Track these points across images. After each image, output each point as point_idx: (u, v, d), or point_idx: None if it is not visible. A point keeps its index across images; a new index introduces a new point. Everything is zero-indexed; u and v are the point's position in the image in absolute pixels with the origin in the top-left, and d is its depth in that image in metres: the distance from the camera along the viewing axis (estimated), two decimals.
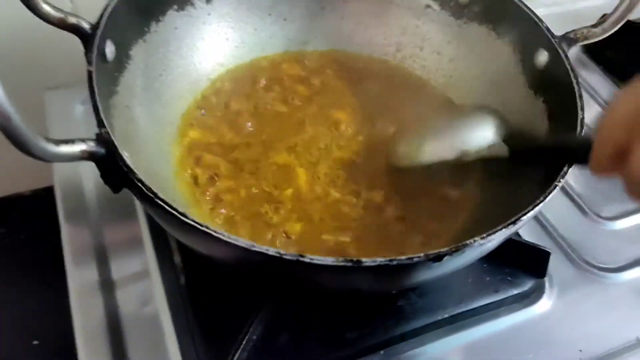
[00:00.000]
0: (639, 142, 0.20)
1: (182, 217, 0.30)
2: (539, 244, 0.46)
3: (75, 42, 0.58)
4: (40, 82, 0.58)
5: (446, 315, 0.43)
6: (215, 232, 0.30)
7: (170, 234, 0.45)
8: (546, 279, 0.47)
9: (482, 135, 0.42)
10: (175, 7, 0.49)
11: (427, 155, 0.44)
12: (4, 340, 0.61)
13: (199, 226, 0.30)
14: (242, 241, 0.29)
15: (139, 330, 0.41)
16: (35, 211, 0.69)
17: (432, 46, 0.55)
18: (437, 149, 0.44)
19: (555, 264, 0.47)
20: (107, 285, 0.44)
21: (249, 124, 0.50)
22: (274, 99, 0.52)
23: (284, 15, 0.55)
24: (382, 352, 0.42)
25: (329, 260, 0.29)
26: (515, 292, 0.45)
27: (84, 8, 0.56)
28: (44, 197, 0.70)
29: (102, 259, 0.45)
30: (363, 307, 0.42)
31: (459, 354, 0.43)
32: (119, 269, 0.45)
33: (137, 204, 0.49)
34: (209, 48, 0.52)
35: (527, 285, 0.45)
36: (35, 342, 0.61)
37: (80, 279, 0.44)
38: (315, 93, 0.53)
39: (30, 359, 0.60)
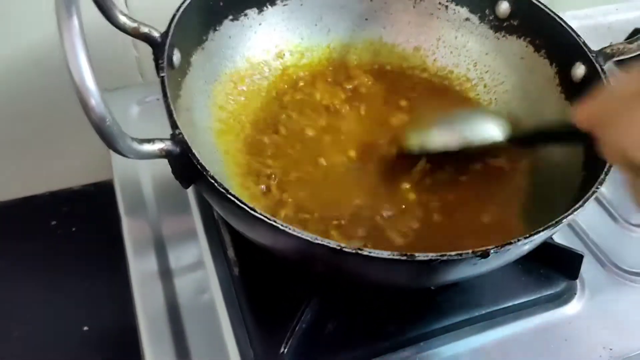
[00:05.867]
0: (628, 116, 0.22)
1: (251, 211, 0.33)
2: (572, 247, 0.49)
3: (128, 49, 0.63)
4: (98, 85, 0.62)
5: (482, 312, 0.46)
6: (281, 225, 0.33)
7: (224, 228, 0.49)
8: (578, 281, 0.49)
9: (486, 130, 0.47)
10: (231, 17, 0.52)
11: (433, 142, 0.48)
12: (56, 326, 0.65)
13: (266, 219, 0.33)
14: (306, 234, 0.32)
15: (197, 316, 0.45)
16: (85, 205, 0.73)
17: (469, 57, 0.57)
18: (442, 137, 0.48)
19: (587, 267, 0.49)
20: (166, 275, 0.47)
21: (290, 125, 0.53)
22: (313, 102, 0.56)
23: (329, 26, 0.58)
24: (421, 343, 0.44)
25: (384, 254, 0.32)
26: (548, 292, 0.47)
27: (138, 13, 0.60)
28: (94, 192, 0.74)
29: (160, 250, 0.49)
30: (405, 301, 0.45)
31: (494, 349, 0.45)
32: (176, 259, 0.48)
33: (191, 198, 0.52)
34: (259, 54, 0.55)
35: (560, 286, 0.48)
36: (85, 328, 0.65)
37: (141, 268, 0.47)
38: (352, 100, 0.56)
39: (81, 343, 0.64)
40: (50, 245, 0.70)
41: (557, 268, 0.48)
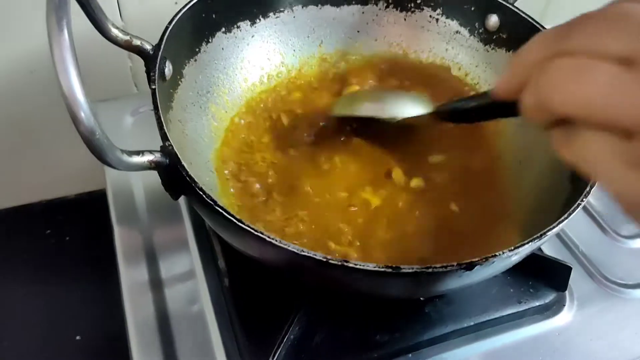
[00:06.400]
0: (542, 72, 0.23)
1: (239, 223, 0.33)
2: (561, 259, 0.49)
3: (123, 59, 0.63)
4: (92, 95, 0.62)
5: (471, 323, 0.46)
6: (268, 237, 0.33)
7: (215, 239, 0.49)
8: (567, 292, 0.49)
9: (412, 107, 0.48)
10: (224, 29, 0.53)
11: (362, 110, 0.50)
12: (48, 335, 0.65)
13: (253, 231, 0.33)
14: (293, 246, 0.33)
15: (186, 326, 0.45)
16: (79, 214, 0.74)
17: (460, 69, 0.58)
18: (370, 107, 0.50)
19: (576, 279, 0.50)
20: (157, 284, 0.47)
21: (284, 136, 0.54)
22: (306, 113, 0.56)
23: (321, 37, 0.58)
24: (410, 355, 0.44)
25: (370, 266, 0.32)
26: (537, 303, 0.47)
27: (133, 25, 0.60)
28: (88, 201, 0.74)
29: (151, 260, 0.49)
30: (393, 312, 0.45)
31: None
32: (167, 269, 0.48)
33: (183, 208, 0.53)
34: (252, 67, 0.56)
35: (549, 297, 0.48)
36: (78, 338, 0.65)
37: (132, 277, 0.47)
38: None
39: (73, 352, 0.64)
40: (44, 254, 0.70)
41: (545, 280, 0.48)
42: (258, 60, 0.56)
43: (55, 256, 0.71)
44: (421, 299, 0.46)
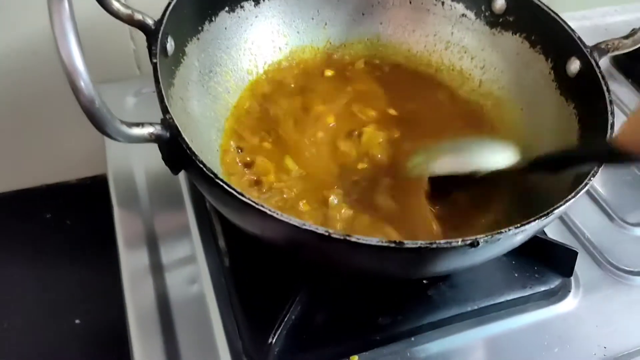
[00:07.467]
0: None
1: (240, 196, 0.33)
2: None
3: (126, 41, 0.63)
4: (95, 76, 0.62)
5: (475, 307, 0.45)
6: (269, 210, 0.32)
7: (215, 218, 0.48)
8: (572, 278, 0.49)
9: (495, 157, 0.44)
10: (227, 8, 0.52)
11: (437, 168, 0.46)
12: (48, 319, 0.65)
13: (254, 204, 0.33)
14: (295, 220, 0.32)
15: (187, 309, 0.44)
16: (81, 198, 0.73)
17: (465, 52, 0.57)
18: (448, 163, 0.46)
19: (582, 265, 0.49)
20: (157, 268, 0.46)
21: (288, 119, 0.53)
22: (310, 97, 0.55)
23: (325, 20, 0.58)
24: (412, 338, 0.44)
25: (373, 241, 0.32)
26: (542, 288, 0.47)
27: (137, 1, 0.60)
28: (89, 186, 0.74)
29: (152, 244, 0.48)
30: (396, 295, 0.45)
31: (486, 344, 0.45)
32: (168, 253, 0.48)
33: (185, 192, 0.52)
34: (255, 47, 0.55)
35: (554, 283, 0.47)
36: (77, 321, 0.64)
37: (132, 262, 0.47)
38: (348, 93, 0.56)
39: (73, 336, 0.64)
40: (44, 238, 0.70)
41: (551, 265, 0.48)
42: (262, 42, 0.55)
43: (55, 240, 0.71)
44: (424, 282, 0.46)
